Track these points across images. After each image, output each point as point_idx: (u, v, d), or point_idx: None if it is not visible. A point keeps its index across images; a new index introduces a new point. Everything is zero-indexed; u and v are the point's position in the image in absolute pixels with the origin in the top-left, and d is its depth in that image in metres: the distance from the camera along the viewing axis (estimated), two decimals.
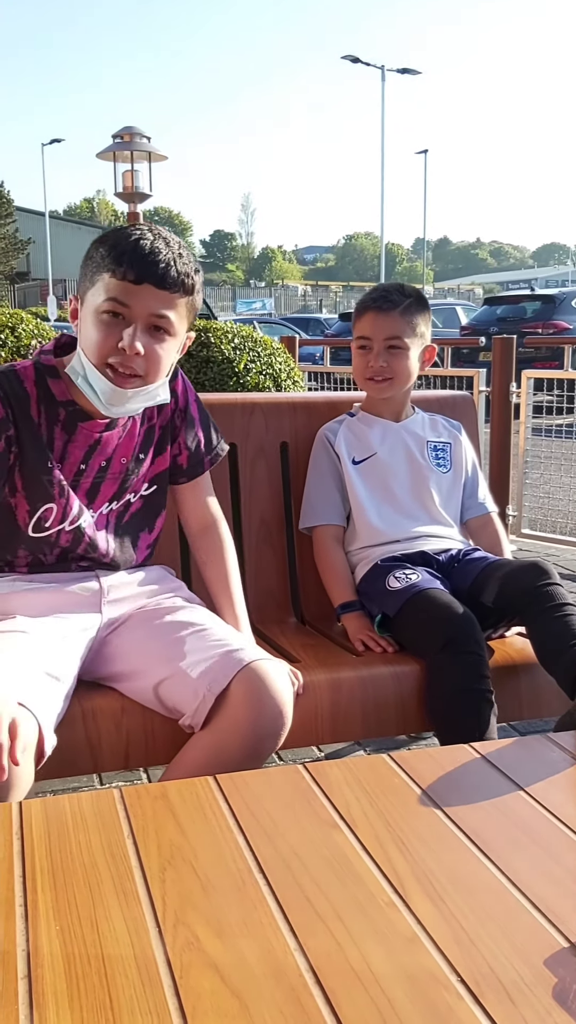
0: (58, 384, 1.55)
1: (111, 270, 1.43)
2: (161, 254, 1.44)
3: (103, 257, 1.45)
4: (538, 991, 0.79)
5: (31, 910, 0.90)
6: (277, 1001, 0.77)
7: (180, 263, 1.46)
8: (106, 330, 1.45)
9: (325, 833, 1.05)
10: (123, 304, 1.44)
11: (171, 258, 1.45)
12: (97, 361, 1.47)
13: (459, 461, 2.18)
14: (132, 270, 1.42)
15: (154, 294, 1.44)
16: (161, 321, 1.47)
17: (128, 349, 1.44)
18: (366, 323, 2.07)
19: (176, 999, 0.77)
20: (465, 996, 0.78)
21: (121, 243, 1.44)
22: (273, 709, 1.42)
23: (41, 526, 1.56)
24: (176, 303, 1.48)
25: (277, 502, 2.19)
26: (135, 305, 1.44)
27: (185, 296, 1.49)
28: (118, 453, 1.62)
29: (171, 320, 1.48)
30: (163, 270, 1.43)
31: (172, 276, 1.44)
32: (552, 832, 1.06)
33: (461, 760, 1.25)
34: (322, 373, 6.68)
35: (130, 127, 6.62)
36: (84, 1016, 0.75)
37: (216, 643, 1.51)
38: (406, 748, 2.42)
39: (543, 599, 1.75)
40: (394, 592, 1.86)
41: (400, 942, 0.85)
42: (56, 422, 1.54)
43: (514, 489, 4.94)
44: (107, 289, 1.44)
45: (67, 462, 1.56)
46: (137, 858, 0.99)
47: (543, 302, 13.21)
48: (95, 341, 1.46)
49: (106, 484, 1.61)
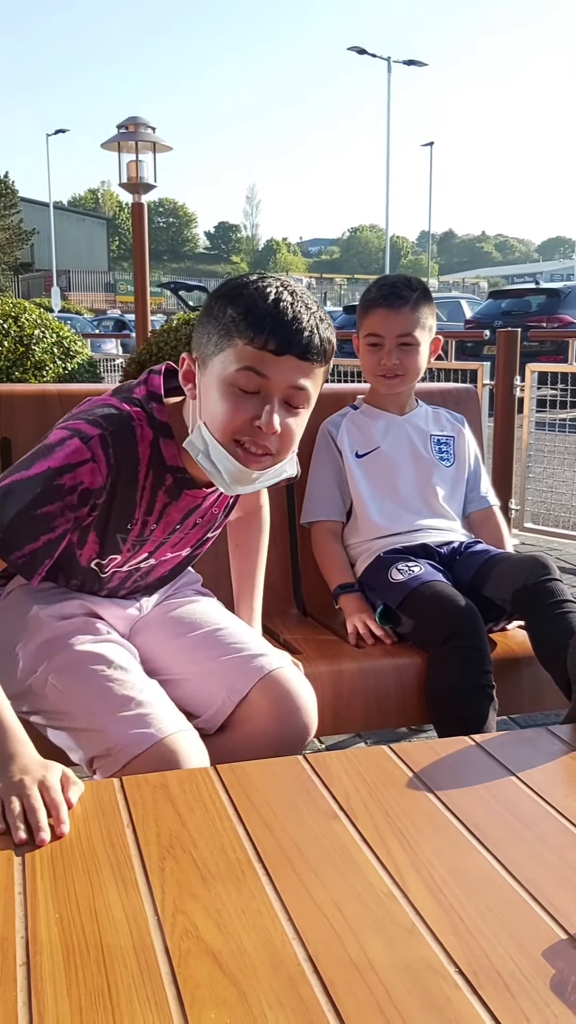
0: (169, 446, 1.38)
1: (248, 337, 1.25)
2: (304, 321, 1.26)
3: (234, 320, 1.26)
4: (536, 982, 0.79)
5: (30, 898, 0.90)
6: (275, 990, 0.77)
7: (323, 329, 1.29)
8: (239, 404, 1.27)
9: (324, 824, 1.05)
10: (261, 375, 1.26)
11: (314, 324, 1.27)
12: (225, 439, 1.29)
13: (462, 455, 2.17)
14: (274, 339, 1.24)
15: (296, 365, 1.27)
16: (300, 394, 1.29)
17: (266, 428, 1.27)
18: (377, 320, 2.04)
19: (174, 987, 0.77)
20: (463, 987, 0.78)
21: (259, 306, 1.25)
22: (299, 720, 1.44)
23: (101, 566, 1.48)
24: (316, 374, 1.31)
25: (280, 495, 2.18)
26: (275, 377, 1.26)
27: (324, 365, 1.32)
28: (208, 516, 1.52)
29: (309, 392, 1.31)
30: (307, 339, 1.26)
31: (316, 345, 1.27)
32: (552, 824, 1.06)
33: (461, 752, 1.25)
34: None
35: (135, 117, 6.61)
36: (82, 1003, 0.75)
37: (235, 646, 1.51)
38: (407, 740, 2.42)
39: (542, 596, 1.75)
40: (396, 584, 1.86)
41: (399, 933, 0.85)
42: (161, 486, 1.40)
43: (517, 483, 4.93)
44: (240, 358, 1.25)
45: (163, 522, 1.45)
46: (136, 847, 0.99)
47: (548, 296, 13.19)
48: (225, 416, 1.28)
49: (194, 532, 1.53)
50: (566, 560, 4.49)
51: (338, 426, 2.14)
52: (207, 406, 1.31)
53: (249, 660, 1.48)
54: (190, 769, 1.19)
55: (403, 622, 1.83)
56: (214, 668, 1.49)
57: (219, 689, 1.47)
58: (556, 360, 5.60)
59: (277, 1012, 0.75)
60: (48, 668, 1.41)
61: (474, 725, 1.63)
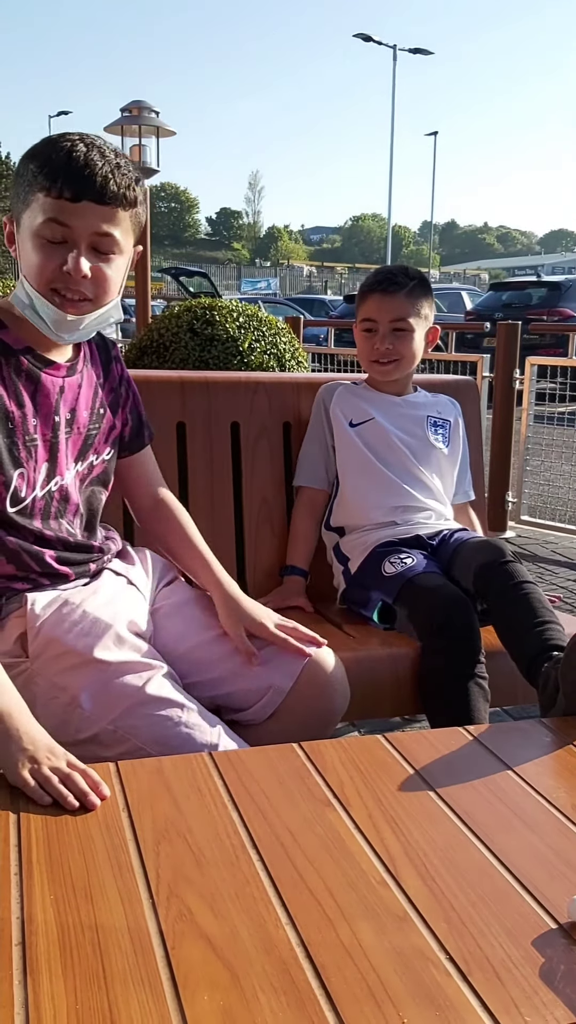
0: (7, 333, 1.42)
1: (46, 189, 1.31)
2: (98, 167, 1.31)
3: (34, 175, 1.32)
4: (525, 970, 0.80)
5: (26, 879, 0.91)
6: (268, 973, 0.78)
7: (119, 175, 1.34)
8: (47, 253, 1.34)
9: (319, 811, 1.06)
10: (63, 224, 1.32)
11: (109, 170, 1.32)
12: (43, 288, 1.36)
13: (456, 441, 2.19)
14: (69, 187, 1.30)
15: (95, 211, 1.33)
16: (106, 239, 1.35)
17: (74, 272, 1.33)
18: (371, 306, 2.07)
19: (168, 969, 0.78)
20: (453, 974, 0.79)
21: (53, 158, 1.31)
22: (339, 699, 1.52)
23: (17, 497, 1.42)
24: (119, 218, 1.36)
25: (278, 482, 2.19)
26: (75, 224, 1.32)
27: (129, 209, 1.37)
28: (80, 404, 1.52)
29: (116, 237, 1.36)
30: (102, 184, 1.31)
31: (112, 190, 1.32)
32: (543, 815, 1.07)
33: (455, 742, 1.26)
34: (326, 354, 6.67)
35: (139, 101, 6.58)
36: (77, 984, 0.76)
37: (264, 641, 1.53)
38: (401, 730, 2.44)
39: (500, 578, 1.74)
40: (389, 578, 1.87)
41: (391, 920, 0.86)
42: (19, 373, 1.42)
43: (514, 476, 4.94)
44: (43, 209, 1.32)
45: (41, 415, 1.44)
46: (132, 831, 1.00)
47: (549, 289, 13.17)
48: (37, 266, 1.35)
49: (72, 439, 1.50)
50: (562, 553, 4.50)
51: (332, 393, 2.15)
52: (24, 261, 1.38)
53: (285, 654, 1.50)
54: (186, 755, 1.20)
55: (398, 615, 1.84)
56: (245, 663, 1.50)
57: (264, 681, 1.48)
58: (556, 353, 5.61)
59: (269, 995, 0.76)
60: (115, 719, 1.33)
61: (465, 715, 1.64)
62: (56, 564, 1.46)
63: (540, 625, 1.63)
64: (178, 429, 2.08)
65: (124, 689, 1.32)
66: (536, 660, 1.58)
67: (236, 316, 3.55)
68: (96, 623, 1.39)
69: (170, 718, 1.31)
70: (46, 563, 1.45)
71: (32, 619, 1.38)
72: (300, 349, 3.79)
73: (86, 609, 1.41)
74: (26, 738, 1.13)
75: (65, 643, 1.36)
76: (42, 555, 1.45)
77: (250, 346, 3.48)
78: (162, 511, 1.70)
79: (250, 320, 3.58)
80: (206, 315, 3.52)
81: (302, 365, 3.71)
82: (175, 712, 1.32)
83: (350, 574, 2.02)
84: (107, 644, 1.37)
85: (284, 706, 1.48)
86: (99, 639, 1.37)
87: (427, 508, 2.06)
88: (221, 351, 3.44)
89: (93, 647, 1.35)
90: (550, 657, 1.55)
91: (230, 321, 3.51)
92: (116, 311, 1.46)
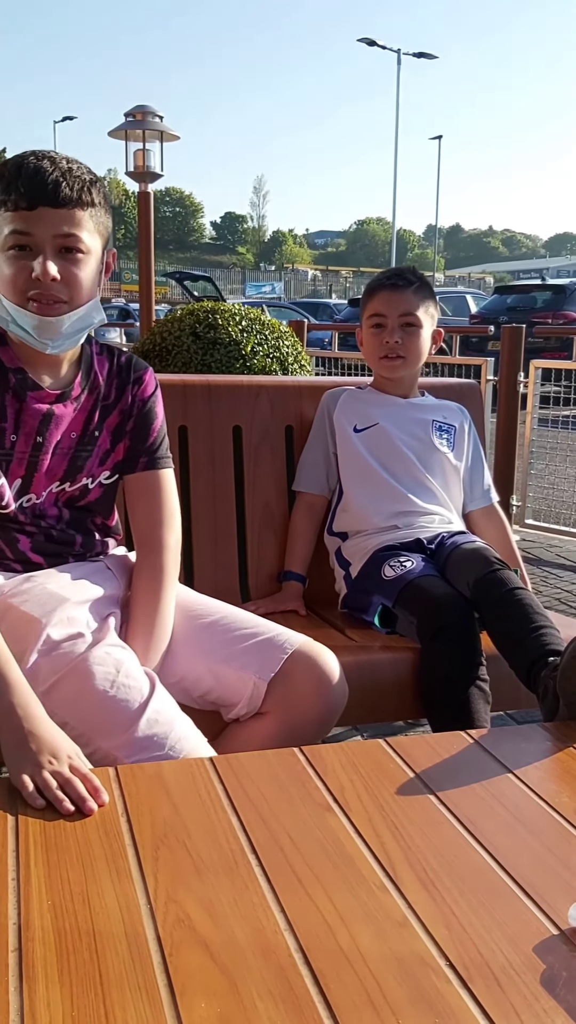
0: (6, 351, 1.47)
1: (3, 203, 1.36)
2: (48, 173, 1.36)
3: None
4: (526, 977, 0.79)
5: (23, 884, 0.90)
6: (266, 980, 0.78)
7: (71, 177, 1.38)
8: (17, 265, 1.38)
9: (319, 816, 1.05)
10: (25, 233, 1.37)
11: (59, 174, 1.37)
12: (17, 299, 1.40)
13: (461, 446, 2.18)
14: (23, 197, 1.35)
15: (54, 215, 1.37)
16: (69, 240, 1.39)
17: (43, 276, 1.37)
18: (380, 301, 2.09)
19: (166, 975, 0.78)
20: (453, 980, 0.79)
21: (6, 174, 1.37)
22: (334, 691, 1.49)
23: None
24: (80, 219, 1.39)
25: (281, 486, 2.18)
26: (37, 231, 1.37)
27: (87, 209, 1.40)
28: (69, 428, 1.53)
29: (80, 237, 1.40)
30: (53, 188, 1.36)
31: (65, 192, 1.36)
32: (545, 820, 1.06)
33: (456, 746, 1.25)
34: (330, 358, 6.67)
35: (143, 105, 6.58)
36: (73, 990, 0.76)
37: (248, 631, 1.52)
38: (403, 734, 2.43)
39: (493, 587, 1.73)
40: (389, 581, 1.86)
41: (390, 925, 0.86)
42: (6, 389, 1.46)
43: (519, 479, 4.93)
44: (5, 224, 1.37)
45: (22, 432, 1.47)
46: (131, 836, 0.99)
47: (554, 292, 13.15)
48: (10, 278, 1.39)
49: (54, 461, 1.52)
50: (566, 557, 4.48)
51: (336, 399, 2.16)
52: (0, 280, 1.42)
53: (270, 641, 1.49)
54: (185, 760, 1.19)
55: (399, 618, 1.83)
56: (234, 654, 1.49)
57: (249, 673, 1.47)
58: (561, 357, 5.59)
59: (267, 1002, 0.75)
60: (48, 681, 1.32)
61: (466, 718, 1.63)
62: (30, 552, 1.51)
63: (535, 631, 1.62)
64: (180, 433, 2.08)
65: (59, 661, 1.33)
66: (534, 667, 1.57)
67: (239, 320, 3.55)
68: (52, 596, 1.42)
69: (96, 688, 1.30)
70: (19, 551, 1.50)
71: None
72: (303, 352, 3.79)
73: (47, 586, 1.44)
74: (31, 739, 1.14)
75: (20, 611, 1.39)
76: (16, 541, 1.50)
77: (252, 349, 3.48)
78: (143, 567, 1.57)
79: (253, 323, 3.58)
80: (208, 319, 3.52)
81: (305, 368, 3.71)
82: (104, 680, 1.31)
83: (351, 579, 2.01)
84: (59, 615, 1.39)
85: (281, 703, 1.46)
86: (52, 610, 1.39)
87: (430, 512, 2.05)
88: (223, 355, 3.44)
89: (43, 616, 1.38)
90: (547, 664, 1.54)
91: (232, 325, 3.51)
92: (97, 312, 1.48)
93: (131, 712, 1.29)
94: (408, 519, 2.02)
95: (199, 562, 2.07)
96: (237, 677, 1.47)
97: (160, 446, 1.63)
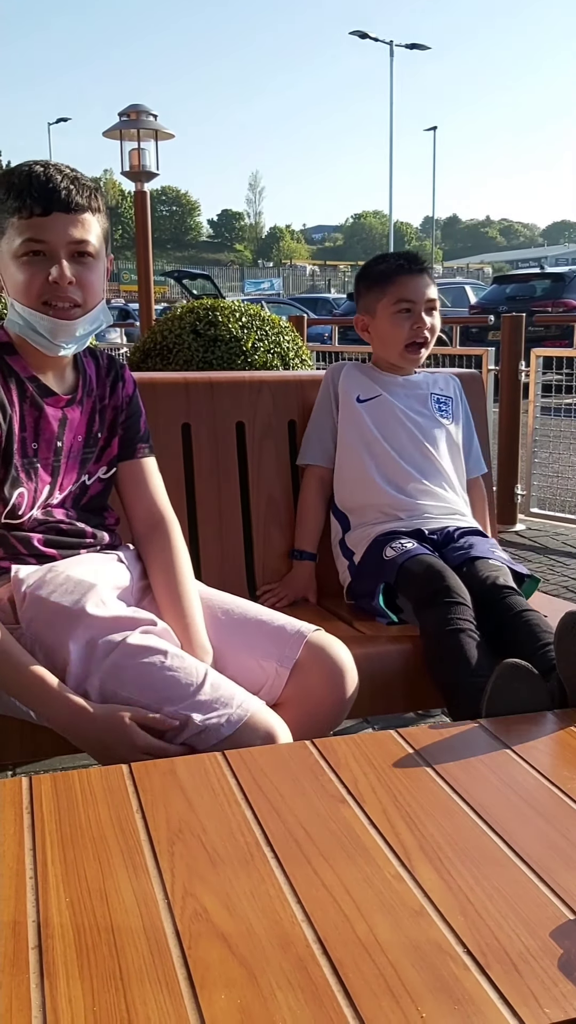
0: (16, 360, 1.50)
1: (16, 211, 1.40)
2: (59, 181, 1.41)
3: (3, 202, 1.42)
4: (544, 962, 0.80)
5: (41, 882, 0.91)
6: (285, 971, 0.78)
7: (79, 184, 1.43)
8: (32, 270, 1.42)
9: (333, 808, 1.05)
10: (40, 240, 1.41)
11: (69, 182, 1.42)
12: (33, 303, 1.43)
13: (458, 415, 2.21)
14: (37, 204, 1.39)
15: (66, 220, 1.41)
16: (82, 245, 1.44)
17: (60, 280, 1.41)
18: (404, 287, 2.06)
19: (185, 968, 0.78)
20: (471, 967, 0.79)
21: (16, 182, 1.41)
22: (347, 680, 1.50)
23: (15, 514, 1.48)
24: (89, 224, 1.45)
25: (285, 481, 2.19)
26: (51, 237, 1.41)
27: (96, 214, 1.46)
28: (76, 431, 1.57)
29: (91, 242, 1.45)
30: (66, 194, 1.41)
31: (77, 199, 1.42)
32: (559, 806, 1.07)
33: (468, 735, 1.25)
34: (331, 353, 6.66)
35: (137, 105, 6.58)
36: (94, 985, 0.76)
37: (261, 620, 1.55)
38: (414, 725, 2.43)
39: (497, 615, 1.74)
40: (389, 561, 1.89)
41: (407, 914, 0.86)
42: (25, 399, 1.49)
43: (523, 468, 4.92)
44: (19, 231, 1.41)
45: (43, 440, 1.51)
46: (146, 832, 1.00)
47: (553, 280, 13.12)
48: (25, 283, 1.42)
49: (70, 463, 1.56)
50: (572, 545, 4.48)
51: (340, 370, 2.17)
52: (10, 284, 1.45)
53: (284, 629, 1.52)
54: (198, 755, 1.20)
55: (400, 597, 1.85)
56: (253, 643, 1.52)
57: (268, 661, 1.49)
58: (561, 345, 5.58)
59: (287, 992, 0.75)
60: (101, 675, 1.35)
61: (465, 665, 1.60)
62: (43, 547, 1.52)
63: (542, 648, 1.62)
64: (183, 430, 2.08)
65: (108, 645, 1.35)
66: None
67: (239, 316, 3.55)
68: (80, 584, 1.43)
69: (153, 664, 1.34)
70: (33, 546, 1.51)
71: (17, 585, 1.44)
72: (304, 348, 3.79)
73: (69, 574, 1.46)
74: (92, 726, 1.30)
75: (52, 603, 1.40)
76: (30, 539, 1.51)
77: (253, 346, 3.48)
78: (153, 542, 1.63)
79: (253, 320, 3.58)
80: (209, 316, 3.52)
81: (306, 364, 3.71)
82: (157, 658, 1.35)
83: (355, 567, 2.02)
84: (94, 601, 1.40)
85: (293, 693, 1.48)
86: (84, 596, 1.41)
87: (430, 491, 2.05)
88: (224, 351, 3.44)
89: (79, 603, 1.39)
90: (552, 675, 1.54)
91: (233, 321, 3.51)
92: (104, 315, 1.53)
93: (193, 678, 1.33)
94: (407, 495, 2.03)
95: (205, 558, 2.07)
96: (257, 664, 1.49)
97: (148, 434, 1.71)
